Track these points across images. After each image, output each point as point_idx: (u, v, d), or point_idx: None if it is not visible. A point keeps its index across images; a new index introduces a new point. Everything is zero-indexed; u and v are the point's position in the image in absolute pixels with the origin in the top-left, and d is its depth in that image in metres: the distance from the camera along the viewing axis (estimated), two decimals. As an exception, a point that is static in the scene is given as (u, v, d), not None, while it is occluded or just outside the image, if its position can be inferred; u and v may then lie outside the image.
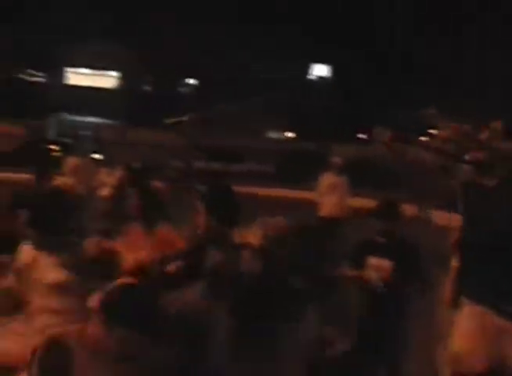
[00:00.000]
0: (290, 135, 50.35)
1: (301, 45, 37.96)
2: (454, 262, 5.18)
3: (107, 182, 14.55)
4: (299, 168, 34.37)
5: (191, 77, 40.68)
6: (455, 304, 4.59)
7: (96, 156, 22.30)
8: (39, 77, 42.41)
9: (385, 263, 5.59)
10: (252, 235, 3.06)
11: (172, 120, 34.61)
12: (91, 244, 4.45)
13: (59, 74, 46.79)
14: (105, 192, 14.41)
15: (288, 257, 3.27)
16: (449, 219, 7.60)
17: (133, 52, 38.52)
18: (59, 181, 8.23)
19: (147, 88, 40.96)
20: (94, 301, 3.02)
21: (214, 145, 36.43)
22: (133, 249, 4.61)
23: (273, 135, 50.60)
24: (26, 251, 4.33)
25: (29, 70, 39.25)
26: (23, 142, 35.58)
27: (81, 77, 48.91)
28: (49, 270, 4.19)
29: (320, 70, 51.10)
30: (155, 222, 5.07)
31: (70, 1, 34.04)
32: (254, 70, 35.14)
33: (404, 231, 6.05)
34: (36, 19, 33.54)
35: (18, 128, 39.16)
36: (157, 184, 8.28)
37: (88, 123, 47.66)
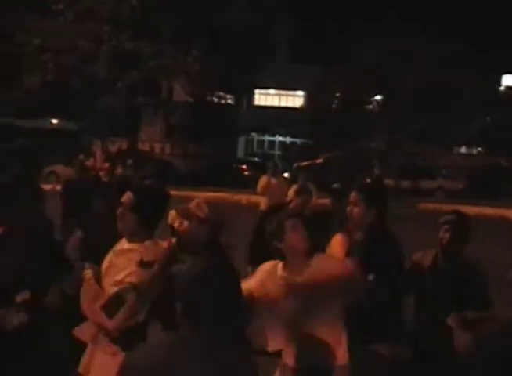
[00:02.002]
0: (480, 149, 48.65)
1: (488, 56, 36.62)
2: None
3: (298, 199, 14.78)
4: (491, 183, 33.16)
5: (379, 93, 40.30)
6: None
7: (286, 174, 22.69)
8: (229, 99, 43.78)
9: None
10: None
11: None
12: None
13: (249, 96, 48.06)
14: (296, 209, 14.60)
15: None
16: None
17: (321, 71, 38.77)
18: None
19: (335, 106, 41.04)
20: None
21: (403, 162, 35.93)
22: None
23: (463, 150, 49.11)
24: None
25: (219, 93, 40.60)
26: (214, 162, 36.81)
27: (270, 97, 49.99)
28: None
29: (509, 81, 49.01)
30: None
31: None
32: (439, 82, 34.21)
33: None
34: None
35: (209, 148, 40.65)
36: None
37: (277, 142, 48.68)
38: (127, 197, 4.26)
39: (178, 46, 31.72)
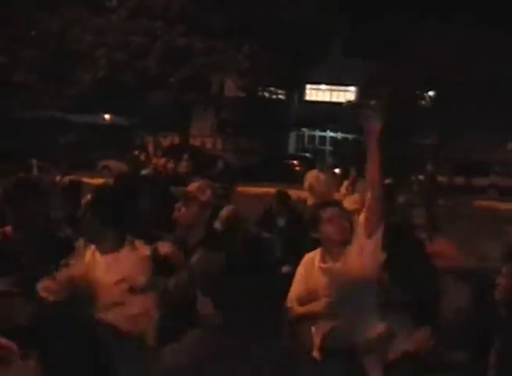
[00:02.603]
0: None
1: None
2: None
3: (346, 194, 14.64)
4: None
5: (431, 89, 39.85)
6: None
7: (337, 170, 22.51)
8: (280, 94, 43.68)
9: None
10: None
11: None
12: None
13: (300, 91, 47.90)
14: (347, 204, 14.47)
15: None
16: None
17: (373, 66, 38.42)
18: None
19: (387, 102, 40.64)
20: None
21: (457, 157, 35.40)
22: None
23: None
24: None
25: (270, 88, 40.60)
26: (265, 157, 36.77)
27: (321, 92, 49.74)
28: None
29: None
30: None
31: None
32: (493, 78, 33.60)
33: None
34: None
35: (260, 144, 40.64)
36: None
37: (328, 138, 48.42)
38: (86, 198, 4.02)
39: (230, 42, 31.75)
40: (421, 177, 23.56)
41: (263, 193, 23.12)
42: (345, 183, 14.86)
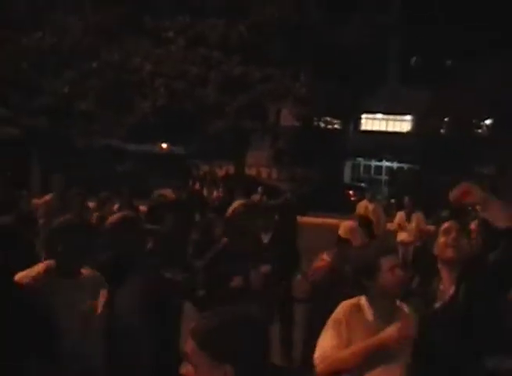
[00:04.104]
0: None
1: None
2: None
3: (404, 226, 14.45)
4: None
5: (488, 118, 39.31)
6: None
7: (392, 200, 22.33)
8: (336, 124, 43.62)
9: None
10: None
11: None
12: None
13: (356, 120, 47.77)
14: (402, 237, 14.30)
15: None
16: None
17: (429, 95, 38.13)
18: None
19: (444, 130, 40.25)
20: None
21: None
22: None
23: None
24: None
25: (326, 118, 40.63)
26: (320, 187, 36.62)
27: (377, 121, 49.49)
28: None
29: None
30: None
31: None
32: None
33: None
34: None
35: (316, 173, 40.54)
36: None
37: (384, 167, 48.08)
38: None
39: (287, 71, 31.93)
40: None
41: (319, 223, 23.03)
42: (399, 214, 14.81)
